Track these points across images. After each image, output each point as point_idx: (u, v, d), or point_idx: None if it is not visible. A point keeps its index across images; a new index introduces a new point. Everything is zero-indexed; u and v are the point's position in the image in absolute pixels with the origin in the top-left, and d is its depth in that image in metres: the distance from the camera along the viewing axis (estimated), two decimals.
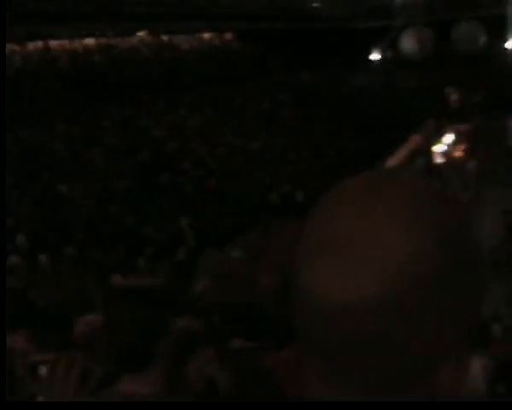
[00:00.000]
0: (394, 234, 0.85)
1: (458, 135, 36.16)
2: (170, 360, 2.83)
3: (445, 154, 33.50)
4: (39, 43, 30.45)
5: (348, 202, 0.90)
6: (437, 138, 35.37)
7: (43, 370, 2.86)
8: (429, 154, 33.30)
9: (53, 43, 31.36)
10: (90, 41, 33.93)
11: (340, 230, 0.87)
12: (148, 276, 14.04)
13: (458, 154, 34.16)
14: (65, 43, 32.23)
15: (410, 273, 0.84)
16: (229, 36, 44.04)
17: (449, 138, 35.24)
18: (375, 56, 42.02)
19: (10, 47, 26.98)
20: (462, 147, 34.87)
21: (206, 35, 42.67)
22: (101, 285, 9.90)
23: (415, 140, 35.73)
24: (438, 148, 33.73)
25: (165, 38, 39.10)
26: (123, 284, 8.32)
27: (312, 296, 0.88)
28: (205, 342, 4.24)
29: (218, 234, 19.15)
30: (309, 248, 0.90)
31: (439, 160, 32.90)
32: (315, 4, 41.06)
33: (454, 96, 42.92)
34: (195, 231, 18.82)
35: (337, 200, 0.92)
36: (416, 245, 0.84)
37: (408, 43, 28.24)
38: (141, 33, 36.84)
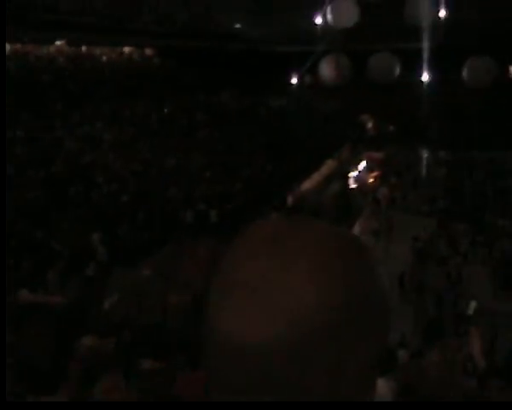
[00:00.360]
0: (301, 281, 0.89)
1: (372, 162, 36.99)
2: (76, 382, 2.74)
3: (358, 179, 34.17)
4: None
5: (259, 246, 0.94)
6: (351, 164, 36.05)
7: None
8: (343, 179, 33.87)
9: None
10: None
11: (250, 273, 0.91)
12: (57, 292, 13.69)
13: (371, 180, 34.90)
14: None
15: (314, 319, 0.88)
16: (149, 51, 43.80)
17: (363, 165, 36.00)
18: (294, 80, 42.61)
19: None
20: (375, 174, 35.66)
21: (127, 49, 42.31)
22: (8, 301, 9.58)
23: (330, 165, 36.30)
24: (351, 173, 34.38)
25: (84, 48, 38.53)
26: (30, 300, 8.07)
27: (220, 335, 0.91)
28: (113, 363, 4.13)
29: (129, 251, 18.88)
30: (221, 289, 0.94)
31: (352, 185, 33.53)
32: (237, 25, 41.32)
33: (369, 124, 43.96)
34: (107, 247, 18.50)
35: (249, 243, 0.96)
36: (322, 292, 0.89)
37: (326, 69, 28.77)
38: (59, 42, 36.17)
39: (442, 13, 27.28)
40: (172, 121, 34.55)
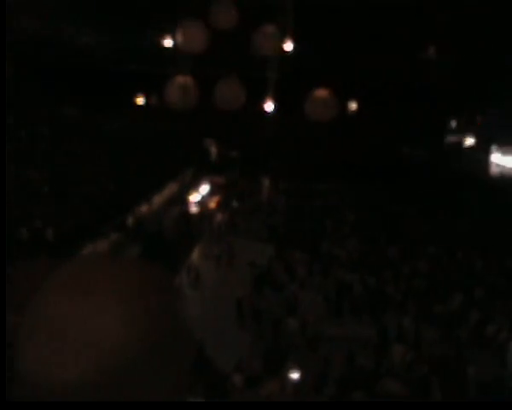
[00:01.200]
0: (106, 320, 0.95)
1: (213, 187, 37.24)
2: None
3: (199, 204, 34.24)
4: None
5: (67, 287, 1.02)
6: (193, 188, 36.10)
7: None
8: (184, 202, 33.84)
9: None
10: None
11: (53, 315, 0.98)
12: None
13: (212, 205, 35.09)
14: None
15: (118, 355, 0.95)
16: None
17: (204, 189, 36.14)
18: (140, 101, 42.22)
19: None
20: (217, 198, 35.90)
21: None
22: None
23: (172, 187, 36.20)
24: (193, 197, 34.40)
25: None
26: None
27: (29, 376, 0.97)
28: None
29: None
30: (28, 330, 1.00)
31: (193, 209, 33.54)
32: (85, 39, 40.42)
33: (212, 149, 44.32)
34: None
35: (58, 285, 1.05)
36: (126, 330, 0.96)
37: (172, 92, 28.70)
38: None
39: (288, 46, 28.10)
40: (13, 133, 33.14)
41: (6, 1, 21.40)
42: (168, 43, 30.02)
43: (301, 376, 15.72)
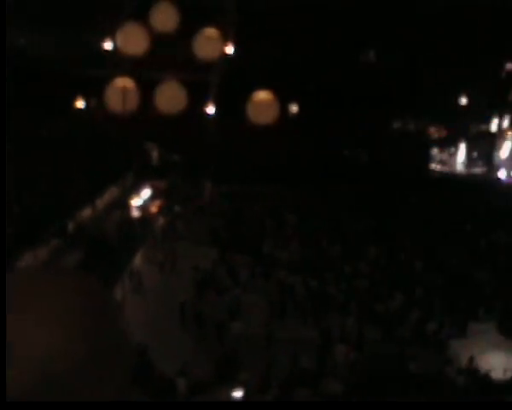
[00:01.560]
0: (40, 334, 0.96)
1: (155, 191, 36.87)
2: None
3: (141, 208, 33.85)
4: None
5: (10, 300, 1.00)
6: (134, 192, 35.67)
7: None
8: (126, 207, 33.39)
9: None
10: None
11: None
12: None
13: (154, 209, 34.75)
14: None
15: (59, 365, 0.94)
16: None
17: (146, 193, 35.76)
18: (80, 104, 41.48)
19: None
20: (158, 203, 35.56)
21: None
22: None
23: (112, 192, 35.73)
24: (134, 202, 33.98)
25: None
26: None
27: None
28: None
29: None
30: None
31: (135, 213, 33.14)
32: (23, 41, 39.64)
33: (154, 153, 43.89)
34: None
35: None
36: (57, 343, 0.96)
37: (111, 95, 28.36)
38: None
39: (230, 49, 28.15)
40: None
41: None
42: (108, 45, 29.71)
43: (246, 377, 15.72)
